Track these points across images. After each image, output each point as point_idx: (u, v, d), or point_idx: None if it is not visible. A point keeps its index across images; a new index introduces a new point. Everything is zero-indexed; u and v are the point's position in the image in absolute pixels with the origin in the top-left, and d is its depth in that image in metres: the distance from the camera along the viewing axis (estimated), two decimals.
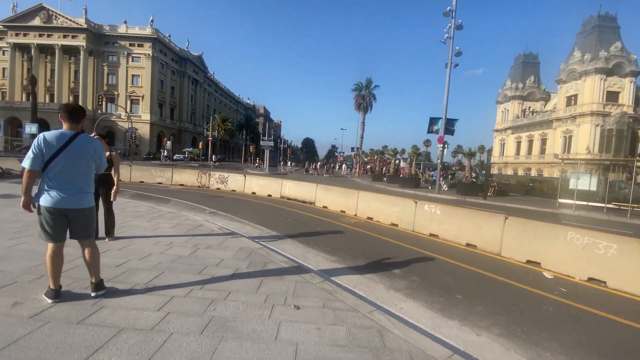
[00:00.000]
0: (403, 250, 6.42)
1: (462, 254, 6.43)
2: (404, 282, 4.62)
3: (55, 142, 2.87)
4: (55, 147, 2.85)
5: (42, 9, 48.09)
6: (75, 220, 2.99)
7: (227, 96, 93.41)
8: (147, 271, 3.91)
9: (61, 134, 2.93)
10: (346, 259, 5.51)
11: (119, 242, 5.02)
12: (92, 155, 3.08)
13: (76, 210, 2.97)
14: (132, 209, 8.09)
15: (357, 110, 46.20)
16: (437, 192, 20.58)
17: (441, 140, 21.36)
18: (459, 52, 21.80)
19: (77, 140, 2.97)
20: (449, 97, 21.68)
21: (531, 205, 16.79)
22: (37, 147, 2.81)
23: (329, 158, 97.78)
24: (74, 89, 52.07)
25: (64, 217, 2.93)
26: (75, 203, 2.94)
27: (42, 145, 2.82)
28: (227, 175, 15.87)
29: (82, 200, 3.01)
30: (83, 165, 3.02)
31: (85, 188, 3.06)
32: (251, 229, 7.40)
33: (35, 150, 2.80)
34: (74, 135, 2.97)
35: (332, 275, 4.57)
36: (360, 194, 9.93)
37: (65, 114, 3.00)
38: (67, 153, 2.89)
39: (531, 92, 56.41)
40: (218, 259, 4.60)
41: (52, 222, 2.87)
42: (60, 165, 2.87)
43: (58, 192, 2.87)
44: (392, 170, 30.98)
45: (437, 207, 7.60)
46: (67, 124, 3.01)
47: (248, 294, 3.48)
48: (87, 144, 3.05)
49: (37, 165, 2.83)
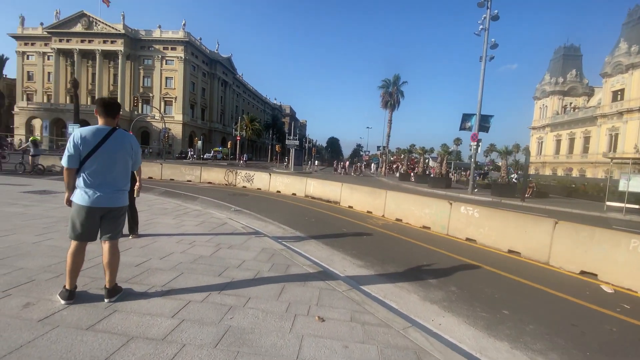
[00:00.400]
0: (437, 255, 5.90)
1: (505, 262, 5.79)
2: (440, 292, 4.14)
3: (92, 139, 2.76)
4: (92, 143, 2.75)
5: (83, 15, 51.35)
6: (108, 219, 2.89)
7: (255, 97, 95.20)
8: (166, 272, 3.74)
9: (97, 130, 2.82)
10: (374, 264, 5.10)
11: (142, 240, 4.95)
12: (128, 151, 2.98)
13: (111, 208, 2.86)
14: (160, 206, 8.16)
15: (383, 107, 45.20)
16: (469, 193, 19.46)
17: (475, 138, 20.15)
18: (495, 44, 20.48)
19: (114, 136, 2.86)
20: (483, 92, 20.41)
21: (575, 208, 15.36)
22: (74, 144, 2.72)
23: (354, 157, 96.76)
24: (113, 91, 55.17)
25: (98, 216, 2.83)
26: (111, 201, 2.85)
27: (79, 142, 2.72)
28: (253, 173, 15.90)
29: (119, 198, 2.92)
30: (120, 161, 2.91)
31: (122, 186, 2.95)
32: (275, 228, 7.18)
33: (72, 147, 2.72)
34: (110, 131, 2.86)
35: (360, 283, 4.19)
36: (389, 194, 9.42)
37: (101, 108, 2.88)
38: (104, 149, 2.79)
39: (573, 86, 52.30)
40: (239, 260, 4.37)
41: (85, 221, 2.77)
42: (97, 162, 2.77)
43: (95, 191, 2.77)
44: (420, 169, 29.85)
45: (475, 210, 6.96)
46: (102, 119, 2.90)
47: (269, 301, 3.20)
48: (124, 139, 2.94)
49: (75, 163, 2.75)
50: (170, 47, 54.78)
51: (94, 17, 51.47)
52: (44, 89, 55.46)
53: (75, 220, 2.79)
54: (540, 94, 56.14)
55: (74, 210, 2.80)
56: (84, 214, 2.77)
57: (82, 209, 2.76)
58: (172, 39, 54.23)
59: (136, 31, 54.29)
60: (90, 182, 2.78)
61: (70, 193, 2.83)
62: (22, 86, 56.02)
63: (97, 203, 2.78)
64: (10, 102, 56.39)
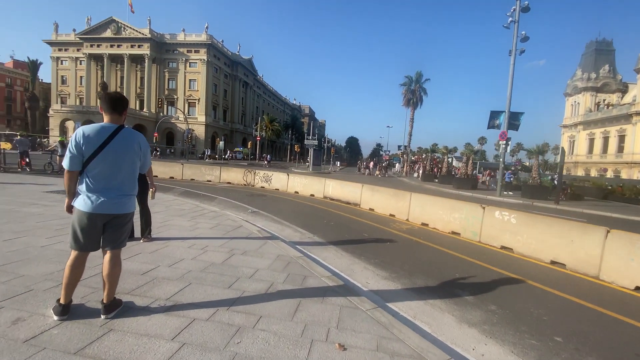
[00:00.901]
0: (470, 266, 5.31)
1: (549, 275, 5.12)
2: (479, 312, 3.61)
3: (96, 138, 2.48)
4: (96, 143, 2.47)
5: (113, 21, 53.50)
6: (111, 226, 2.61)
7: (275, 97, 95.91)
8: (173, 282, 3.45)
9: (102, 128, 2.54)
10: (400, 275, 4.61)
11: (153, 244, 4.73)
12: (137, 152, 2.68)
13: (116, 215, 2.59)
14: (177, 207, 8.02)
15: (405, 106, 44.00)
16: (498, 195, 18.35)
17: (504, 136, 19.00)
18: (526, 36, 19.23)
19: (120, 135, 2.57)
20: (512, 88, 19.20)
21: (615, 212, 14.04)
22: (76, 144, 2.45)
23: (374, 157, 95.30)
24: (140, 94, 57.18)
25: (101, 224, 2.56)
26: (116, 208, 2.57)
27: (81, 141, 2.45)
28: (271, 174, 15.69)
29: (125, 204, 2.64)
30: (127, 163, 2.62)
31: (128, 190, 2.67)
32: (292, 232, 6.82)
33: (73, 148, 2.45)
34: (116, 129, 2.57)
35: (386, 299, 3.72)
36: (413, 196, 8.84)
37: (106, 104, 2.60)
38: (109, 150, 2.51)
39: (606, 82, 48.87)
40: (252, 269, 4.03)
41: (88, 229, 2.52)
42: (101, 164, 2.49)
43: (99, 196, 2.50)
44: (444, 169, 28.68)
45: (512, 215, 6.28)
46: (108, 115, 2.61)
47: (282, 321, 2.82)
48: (131, 139, 2.65)
49: (76, 165, 2.49)
50: (194, 50, 56.03)
51: (123, 23, 53.50)
52: (77, 92, 58.30)
53: (77, 228, 2.53)
54: (571, 90, 52.87)
55: (75, 217, 2.54)
56: (85, 221, 2.51)
57: (83, 215, 2.50)
58: (195, 42, 55.45)
59: (161, 35, 55.94)
60: (94, 186, 2.51)
61: (72, 198, 2.58)
62: (57, 90, 59.17)
63: (101, 209, 2.50)
64: (45, 105, 59.80)
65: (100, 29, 54.29)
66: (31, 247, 4.20)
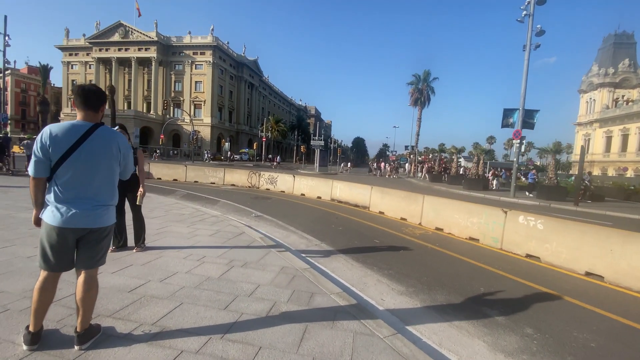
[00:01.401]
0: (495, 278, 4.79)
1: (587, 290, 4.57)
2: (514, 337, 3.10)
3: (65, 138, 2.08)
4: (65, 145, 2.07)
5: (120, 25, 53.97)
6: (86, 242, 2.20)
7: (281, 98, 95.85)
8: (163, 301, 3.03)
9: (72, 127, 2.12)
10: (419, 289, 4.12)
11: (146, 255, 4.33)
12: (115, 155, 2.26)
13: (91, 230, 2.18)
14: (177, 212, 7.65)
15: (412, 105, 43.28)
16: (512, 196, 17.63)
17: (518, 135, 18.28)
18: (541, 30, 18.47)
19: (95, 135, 2.16)
20: (527, 85, 18.47)
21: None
22: (41, 146, 2.05)
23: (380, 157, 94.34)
24: (147, 96, 57.55)
25: (74, 239, 2.16)
26: (91, 221, 2.16)
27: (47, 143, 2.05)
28: (277, 175, 15.29)
29: (101, 216, 2.21)
30: (103, 169, 2.21)
31: (105, 200, 2.25)
32: (297, 238, 6.37)
33: (38, 151, 2.05)
34: (91, 129, 2.15)
35: (405, 321, 3.24)
36: (427, 199, 8.31)
37: (80, 98, 2.18)
38: (81, 153, 2.10)
39: (625, 77, 47.22)
40: (253, 284, 3.59)
41: (58, 246, 2.12)
42: (72, 169, 2.09)
43: (69, 207, 2.10)
44: (453, 170, 27.94)
45: (539, 220, 5.73)
46: (81, 112, 2.20)
47: (285, 353, 2.36)
48: (108, 139, 2.23)
49: (43, 171, 2.09)
50: (200, 52, 56.16)
51: (130, 27, 53.92)
52: None
53: (45, 244, 2.13)
54: (587, 86, 51.39)
55: (44, 232, 2.14)
56: (55, 237, 2.11)
57: (52, 230, 2.10)
58: (201, 44, 55.58)
59: (168, 38, 56.22)
60: (64, 195, 2.10)
61: (39, 210, 2.18)
62: (67, 94, 59.92)
63: (72, 223, 2.10)
64: (57, 109, 60.59)
65: (108, 33, 54.84)
66: (17, 258, 3.86)
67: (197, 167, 17.90)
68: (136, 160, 4.33)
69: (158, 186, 13.52)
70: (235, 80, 65.49)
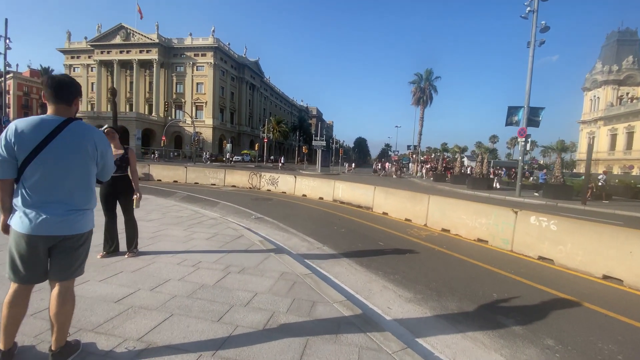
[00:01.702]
0: (508, 283, 4.52)
1: (606, 295, 4.29)
2: (533, 350, 2.84)
3: (32, 135, 1.84)
4: (33, 142, 1.84)
5: (122, 28, 54.04)
6: (59, 251, 1.97)
7: (282, 99, 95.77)
8: (152, 313, 2.79)
9: (41, 121, 1.89)
10: (428, 296, 3.86)
11: (138, 260, 4.10)
12: (90, 154, 2.01)
13: (65, 237, 1.94)
14: (175, 214, 7.44)
15: (415, 104, 42.99)
16: (517, 195, 17.31)
17: (523, 133, 17.93)
18: (546, 27, 18.14)
19: (67, 131, 1.92)
20: (529, 82, 18.14)
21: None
22: (5, 144, 1.82)
23: (382, 157, 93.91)
24: (149, 98, 57.56)
25: (44, 248, 1.93)
26: (63, 227, 1.92)
27: (12, 140, 1.82)
28: (278, 176, 15.06)
29: (76, 222, 1.97)
30: (77, 168, 1.96)
31: (80, 203, 2.00)
32: (299, 241, 6.13)
33: (2, 149, 1.81)
34: (62, 124, 1.91)
35: (415, 332, 2.99)
36: (432, 199, 8.04)
37: (50, 90, 1.94)
38: (50, 151, 1.86)
39: (629, 75, 46.68)
40: (250, 292, 3.35)
41: (27, 255, 1.90)
42: (41, 170, 1.85)
43: (39, 212, 1.86)
44: (457, 169, 27.59)
45: (552, 221, 5.45)
46: (52, 106, 1.96)
47: None
48: (82, 136, 1.98)
49: (8, 171, 1.86)
50: (201, 54, 56.14)
51: (131, 29, 53.98)
52: (89, 99, 59.11)
53: (14, 254, 1.91)
54: (590, 84, 50.84)
55: (12, 240, 1.92)
56: (24, 245, 1.88)
57: (21, 238, 1.87)
58: (202, 46, 55.56)
59: (169, 40, 56.25)
60: (32, 199, 1.87)
61: (7, 215, 1.95)
62: None
63: (42, 230, 1.87)
64: None
65: (110, 36, 54.94)
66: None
67: (198, 168, 17.71)
68: (127, 160, 4.13)
69: (158, 188, 13.33)
70: (236, 82, 65.44)
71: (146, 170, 16.87)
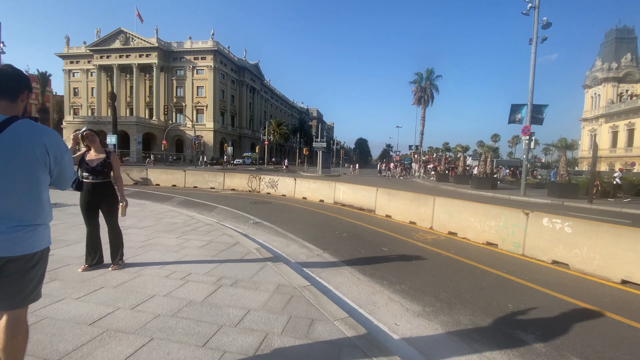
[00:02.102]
0: (523, 291, 4.18)
1: (628, 303, 3.95)
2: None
3: None
4: None
5: (121, 32, 54.04)
6: (6, 275, 1.64)
7: (282, 101, 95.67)
8: (129, 337, 2.49)
9: None
10: (437, 309, 3.53)
11: (122, 273, 3.79)
12: (39, 158, 1.68)
13: (10, 259, 1.62)
14: (169, 220, 7.14)
15: (416, 104, 42.62)
16: (522, 195, 16.94)
17: (527, 131, 17.58)
18: (548, 23, 17.83)
19: (8, 133, 1.60)
20: (531, 80, 17.81)
21: None
22: None
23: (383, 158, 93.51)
24: (149, 102, 57.48)
25: None
26: (8, 247, 1.60)
27: None
28: (277, 179, 14.76)
29: (22, 240, 1.64)
30: (21, 177, 1.64)
31: (28, 218, 1.68)
32: (297, 247, 5.82)
33: None
34: (3, 123, 1.60)
35: (427, 354, 2.66)
36: (438, 201, 7.71)
37: None
38: None
39: (628, 72, 46.42)
40: (242, 309, 3.04)
41: None
42: None
43: None
44: (460, 169, 27.22)
45: (566, 223, 5.11)
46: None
47: None
48: (29, 138, 1.65)
49: None
50: (201, 57, 56.07)
51: (131, 33, 53.98)
52: (88, 104, 59.10)
53: None
54: (591, 81, 50.46)
55: None
56: None
57: None
58: (201, 49, 55.49)
59: (169, 43, 56.21)
60: None
61: None
62: (69, 102, 60.18)
63: None
64: (59, 117, 60.85)
65: (109, 40, 54.94)
66: None
67: (197, 172, 17.43)
68: (110, 165, 3.84)
69: (155, 193, 13.05)
70: (236, 85, 65.34)
71: (144, 174, 16.61)
